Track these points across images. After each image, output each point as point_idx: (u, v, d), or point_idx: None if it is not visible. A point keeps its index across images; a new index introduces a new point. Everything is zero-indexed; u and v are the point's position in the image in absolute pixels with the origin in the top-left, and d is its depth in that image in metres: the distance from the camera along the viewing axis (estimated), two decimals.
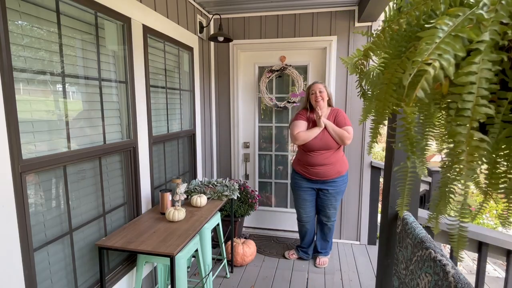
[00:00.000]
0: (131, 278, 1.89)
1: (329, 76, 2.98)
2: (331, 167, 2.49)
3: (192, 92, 2.79)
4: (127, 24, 1.83)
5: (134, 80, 1.91)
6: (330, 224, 2.69)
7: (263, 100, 3.22)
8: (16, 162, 1.18)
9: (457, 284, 0.84)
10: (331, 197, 2.58)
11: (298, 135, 2.47)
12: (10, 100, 1.15)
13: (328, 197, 2.59)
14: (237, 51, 3.18)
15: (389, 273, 1.46)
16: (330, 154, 2.47)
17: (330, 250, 2.84)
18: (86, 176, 1.63)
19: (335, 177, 2.52)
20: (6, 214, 1.15)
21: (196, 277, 2.55)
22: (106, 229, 1.77)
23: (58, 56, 1.41)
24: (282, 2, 2.77)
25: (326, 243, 2.78)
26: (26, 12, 1.25)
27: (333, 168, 2.49)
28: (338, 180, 2.55)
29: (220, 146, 3.41)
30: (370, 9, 2.51)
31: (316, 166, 2.49)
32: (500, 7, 0.39)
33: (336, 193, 2.58)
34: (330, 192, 2.56)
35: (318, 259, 2.77)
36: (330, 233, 2.75)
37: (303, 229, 2.79)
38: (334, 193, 2.57)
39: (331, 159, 2.48)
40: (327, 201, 2.60)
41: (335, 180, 2.54)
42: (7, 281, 1.15)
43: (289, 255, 2.88)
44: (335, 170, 2.50)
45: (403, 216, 1.34)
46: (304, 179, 2.60)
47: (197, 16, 2.83)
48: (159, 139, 2.26)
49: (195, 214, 2.01)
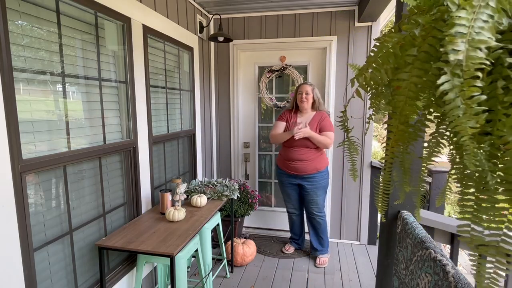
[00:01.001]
0: (131, 278, 1.89)
1: (329, 76, 2.98)
2: (308, 163, 2.59)
3: (192, 92, 2.79)
4: (127, 24, 1.83)
5: (134, 80, 1.91)
6: (318, 218, 2.74)
7: (263, 100, 3.22)
8: (16, 162, 1.18)
9: (457, 284, 0.84)
10: (311, 192, 2.68)
11: (271, 135, 2.72)
12: (10, 100, 1.15)
13: (308, 192, 2.69)
14: (237, 51, 3.18)
15: (389, 273, 1.46)
16: (307, 151, 2.57)
17: (328, 248, 2.83)
18: (86, 176, 1.63)
19: (312, 173, 2.61)
20: (6, 214, 1.15)
21: (196, 277, 2.55)
22: (106, 229, 1.77)
23: (58, 56, 1.41)
24: (282, 2, 2.77)
25: (320, 239, 2.79)
26: (26, 12, 1.25)
27: (310, 164, 2.59)
28: (316, 176, 2.63)
29: (220, 146, 3.41)
30: (370, 9, 2.51)
31: (294, 161, 2.61)
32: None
33: (315, 188, 2.66)
34: (309, 188, 2.67)
35: (318, 258, 2.77)
36: (321, 228, 2.77)
37: (290, 220, 2.97)
38: (314, 188, 2.66)
39: (308, 155, 2.57)
40: (308, 196, 2.70)
41: (313, 175, 2.62)
42: (7, 281, 1.15)
43: (286, 249, 2.99)
44: (312, 166, 2.59)
45: (403, 216, 1.34)
46: (285, 174, 2.74)
47: (197, 16, 2.83)
48: (159, 139, 2.26)
49: (195, 214, 2.01)
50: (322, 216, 2.75)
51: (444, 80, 0.41)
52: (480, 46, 0.39)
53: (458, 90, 0.41)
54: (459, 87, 0.41)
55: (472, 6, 0.40)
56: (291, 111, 2.70)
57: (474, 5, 0.40)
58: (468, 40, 0.39)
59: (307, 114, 2.63)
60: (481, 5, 0.39)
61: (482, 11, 0.39)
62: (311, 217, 2.76)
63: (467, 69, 0.39)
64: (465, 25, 0.39)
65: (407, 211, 1.40)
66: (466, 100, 0.40)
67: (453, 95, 0.41)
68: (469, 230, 0.46)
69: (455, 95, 0.41)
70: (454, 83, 0.41)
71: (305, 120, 2.60)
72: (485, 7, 0.40)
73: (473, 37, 0.39)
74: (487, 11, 0.39)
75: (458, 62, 0.40)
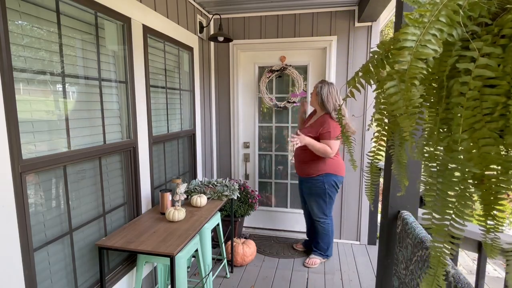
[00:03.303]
0: (131, 278, 1.89)
1: (329, 76, 2.98)
2: (303, 166, 2.57)
3: (192, 92, 2.79)
4: (127, 24, 1.83)
5: (134, 80, 1.91)
6: (315, 222, 2.68)
7: (263, 100, 3.22)
8: (16, 162, 1.18)
9: (457, 284, 0.84)
10: (306, 196, 2.66)
11: None
12: (10, 100, 1.15)
13: (305, 196, 2.68)
14: (237, 51, 3.18)
15: (389, 273, 1.46)
16: (303, 152, 2.51)
17: (323, 253, 2.76)
18: (86, 176, 1.63)
19: (305, 177, 2.58)
20: (6, 214, 1.15)
21: (196, 277, 2.55)
22: (106, 229, 1.77)
23: (58, 56, 1.41)
24: (282, 2, 2.77)
25: (316, 242, 2.76)
26: (26, 12, 1.25)
27: (304, 167, 2.55)
28: (309, 181, 2.57)
29: (220, 146, 3.41)
30: (370, 9, 2.51)
31: (296, 161, 2.62)
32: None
33: (308, 194, 2.61)
34: (304, 191, 2.66)
35: (308, 258, 2.77)
36: (319, 234, 2.70)
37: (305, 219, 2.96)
38: (306, 193, 2.63)
39: (304, 158, 2.53)
40: (306, 199, 2.69)
41: (307, 179, 2.59)
42: (7, 281, 1.15)
43: (296, 246, 3.03)
44: (306, 171, 2.55)
45: (403, 216, 1.34)
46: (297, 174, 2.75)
47: (197, 16, 2.83)
48: (159, 139, 2.26)
49: (195, 214, 2.01)
50: (321, 223, 2.65)
51: (390, 86, 0.50)
52: (422, 58, 0.45)
53: (402, 94, 0.49)
54: (403, 91, 0.49)
55: (421, 23, 0.45)
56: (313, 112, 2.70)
57: (424, 22, 0.45)
58: (413, 52, 0.45)
59: (317, 115, 2.54)
60: (432, 20, 0.45)
61: (432, 26, 0.45)
62: (312, 219, 2.75)
63: (409, 76, 0.46)
64: (414, 40, 0.45)
65: (407, 211, 1.40)
66: (405, 102, 0.49)
67: (398, 97, 0.50)
68: (430, 218, 0.52)
69: (399, 98, 0.50)
70: (401, 87, 0.49)
71: (312, 120, 2.58)
72: (434, 22, 0.45)
73: (418, 50, 0.45)
74: (437, 26, 0.45)
75: (403, 71, 0.47)
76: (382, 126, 0.67)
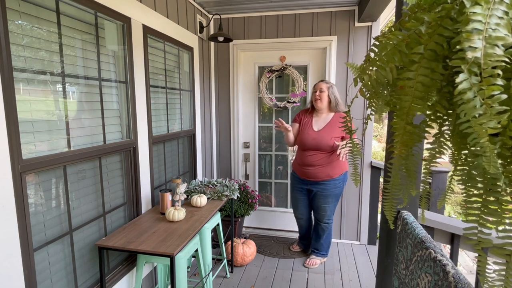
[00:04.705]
0: (131, 278, 1.89)
1: (329, 76, 2.98)
2: (321, 169, 2.48)
3: (192, 92, 2.79)
4: (127, 24, 1.83)
5: (134, 80, 1.91)
6: (323, 225, 2.67)
7: (263, 100, 3.22)
8: (16, 162, 1.18)
9: (457, 284, 0.84)
10: (320, 199, 2.58)
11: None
12: (10, 100, 1.15)
13: (318, 199, 2.59)
14: (237, 51, 3.18)
15: (389, 273, 1.46)
16: (321, 156, 2.46)
17: (324, 253, 2.78)
18: (86, 176, 1.63)
19: (324, 180, 2.50)
20: (6, 214, 1.15)
21: (196, 277, 2.55)
22: (106, 229, 1.77)
23: (58, 56, 1.41)
24: (282, 2, 2.77)
25: (320, 244, 2.75)
26: (26, 12, 1.25)
27: (323, 170, 2.48)
28: (328, 183, 2.51)
29: (220, 146, 3.41)
30: (370, 9, 2.51)
31: (307, 166, 2.52)
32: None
33: (325, 196, 2.55)
34: (318, 194, 2.57)
35: (309, 259, 2.77)
36: (324, 234, 2.71)
37: (299, 223, 2.92)
38: (323, 195, 2.55)
39: (321, 161, 2.47)
40: (317, 203, 2.61)
41: (325, 182, 2.51)
42: (7, 281, 1.15)
43: (293, 248, 3.01)
44: (325, 173, 2.48)
45: (403, 216, 1.33)
46: (297, 178, 2.67)
47: (197, 16, 2.83)
48: (159, 139, 2.26)
49: (195, 214, 2.01)
50: (329, 224, 2.67)
51: (462, 79, 0.39)
52: (497, 43, 0.37)
53: (476, 89, 0.38)
54: (478, 85, 0.38)
55: (487, 2, 0.38)
56: (307, 111, 2.62)
57: (489, 1, 0.38)
58: (485, 37, 0.37)
59: (323, 115, 2.53)
60: (496, 1, 0.38)
61: (497, 7, 0.38)
62: (317, 223, 2.70)
63: (486, 66, 0.38)
64: (481, 21, 0.38)
65: (407, 211, 1.40)
66: (486, 99, 0.38)
67: (472, 94, 0.39)
68: (476, 233, 0.45)
69: (473, 94, 0.39)
70: (472, 82, 0.38)
71: (322, 122, 2.51)
72: (499, 3, 0.38)
73: (490, 34, 0.37)
74: (502, 7, 0.38)
75: (475, 59, 0.37)
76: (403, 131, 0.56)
